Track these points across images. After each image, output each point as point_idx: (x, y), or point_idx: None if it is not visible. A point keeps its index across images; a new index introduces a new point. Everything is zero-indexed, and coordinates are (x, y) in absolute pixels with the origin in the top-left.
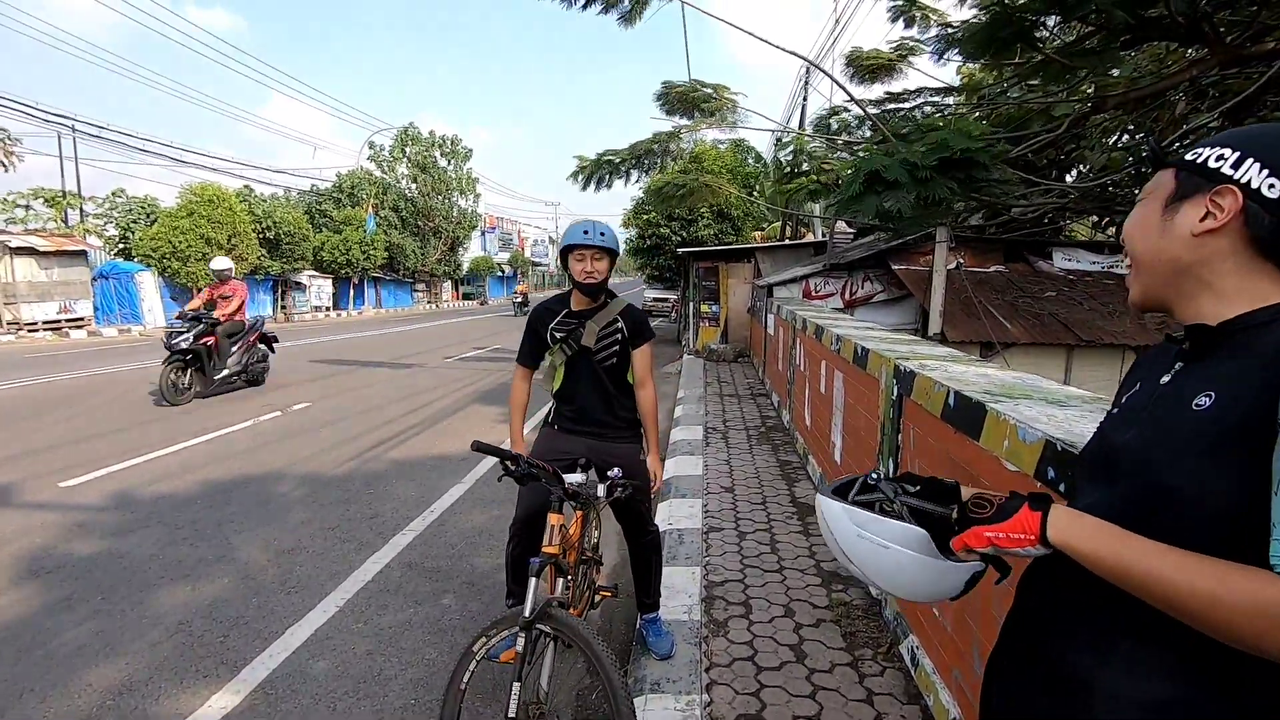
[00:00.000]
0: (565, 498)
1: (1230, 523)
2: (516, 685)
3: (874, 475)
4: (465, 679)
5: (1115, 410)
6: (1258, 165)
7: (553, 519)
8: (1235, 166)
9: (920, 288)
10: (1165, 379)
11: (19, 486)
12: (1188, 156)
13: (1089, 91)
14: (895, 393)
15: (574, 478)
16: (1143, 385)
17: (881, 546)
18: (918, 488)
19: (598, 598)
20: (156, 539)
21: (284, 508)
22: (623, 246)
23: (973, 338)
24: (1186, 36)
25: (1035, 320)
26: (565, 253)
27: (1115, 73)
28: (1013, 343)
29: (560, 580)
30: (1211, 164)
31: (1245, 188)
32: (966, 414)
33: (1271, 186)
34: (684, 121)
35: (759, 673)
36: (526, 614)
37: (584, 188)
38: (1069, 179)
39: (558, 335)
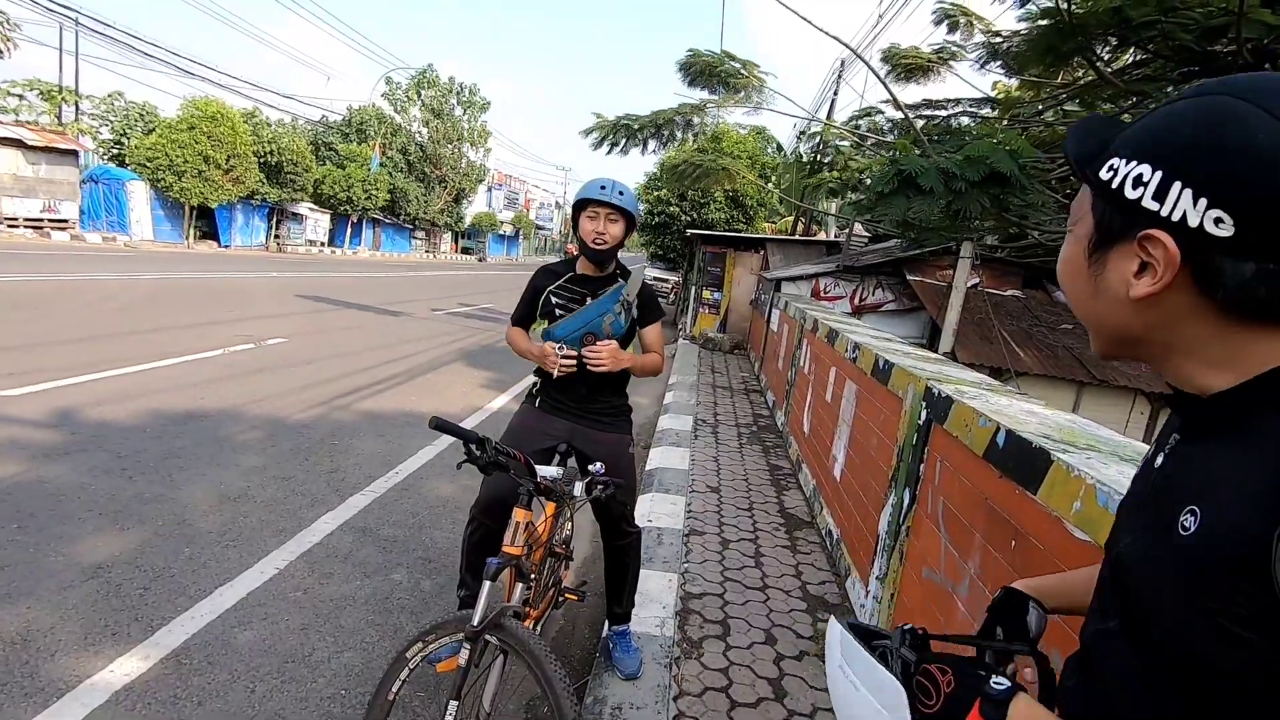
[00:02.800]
0: (536, 493)
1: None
2: (454, 704)
3: (910, 631)
4: (395, 688)
5: (1126, 497)
6: (1189, 191)
7: (519, 515)
8: (1159, 196)
9: (934, 302)
10: (1160, 459)
11: None
12: (1102, 172)
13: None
14: (923, 417)
15: (548, 471)
16: (1146, 465)
17: (854, 688)
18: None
19: (562, 598)
20: (92, 466)
21: (238, 449)
22: None
23: (984, 361)
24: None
25: (1048, 351)
26: (578, 209)
27: None
28: (1024, 372)
29: (519, 585)
30: (1129, 192)
31: (1181, 228)
32: (1021, 459)
33: (1219, 222)
34: (708, 96)
35: (733, 708)
36: (475, 622)
37: (596, 147)
38: None
39: (555, 301)
